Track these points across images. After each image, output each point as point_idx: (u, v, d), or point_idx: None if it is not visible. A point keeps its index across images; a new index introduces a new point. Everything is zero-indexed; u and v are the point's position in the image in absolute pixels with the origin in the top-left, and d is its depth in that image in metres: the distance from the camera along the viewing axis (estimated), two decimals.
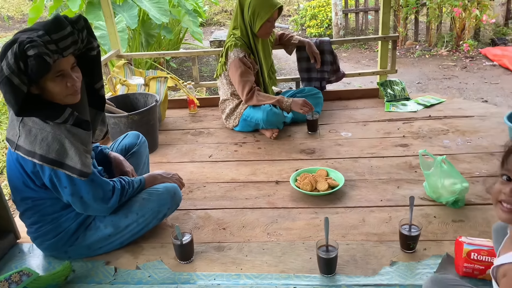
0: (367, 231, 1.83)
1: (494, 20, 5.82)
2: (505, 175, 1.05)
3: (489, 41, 5.85)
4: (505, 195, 1.03)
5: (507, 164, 1.05)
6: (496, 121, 2.74)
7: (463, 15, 5.54)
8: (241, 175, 2.39)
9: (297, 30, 7.45)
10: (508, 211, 1.03)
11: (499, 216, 1.06)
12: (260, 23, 2.68)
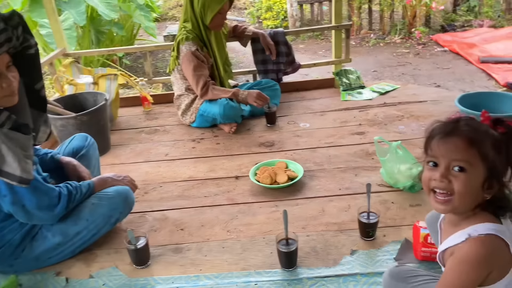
0: (327, 221, 1.82)
1: (443, 7, 6.00)
2: (431, 161, 1.04)
3: (439, 27, 6.02)
4: (435, 181, 1.02)
5: (430, 149, 1.04)
6: (448, 104, 2.80)
7: (413, 3, 5.67)
8: (199, 172, 2.33)
9: (253, 23, 7.40)
10: (443, 202, 1.02)
11: (434, 207, 1.05)
12: (211, 15, 2.60)
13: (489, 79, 4.20)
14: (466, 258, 0.98)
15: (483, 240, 0.98)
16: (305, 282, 1.49)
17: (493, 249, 0.97)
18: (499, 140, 0.98)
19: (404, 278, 1.27)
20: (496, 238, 0.98)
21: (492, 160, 0.97)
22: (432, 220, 1.37)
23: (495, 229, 0.99)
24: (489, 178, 0.98)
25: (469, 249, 0.98)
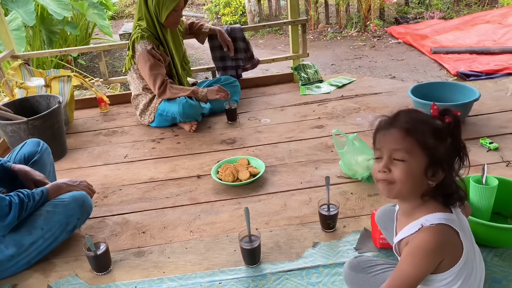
0: (289, 215, 1.84)
1: (396, 0, 6.17)
2: (376, 154, 1.10)
3: (393, 20, 6.19)
4: (379, 172, 1.07)
5: (375, 143, 1.11)
6: (402, 95, 2.89)
7: None
8: (160, 173, 2.29)
9: (212, 19, 7.35)
10: (386, 189, 1.08)
11: (383, 195, 1.13)
12: (166, 13, 2.56)
13: (441, 69, 4.37)
14: (419, 247, 1.02)
15: (435, 229, 1.02)
16: (269, 278, 1.51)
17: (444, 238, 1.02)
18: (440, 128, 1.02)
19: (363, 269, 1.31)
20: (446, 227, 1.02)
21: (433, 148, 1.01)
22: (382, 216, 1.42)
23: (445, 218, 1.03)
24: (431, 166, 1.02)
25: (422, 238, 1.02)
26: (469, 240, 1.08)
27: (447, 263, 1.04)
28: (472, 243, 1.12)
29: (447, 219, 1.04)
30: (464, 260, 1.03)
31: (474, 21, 5.31)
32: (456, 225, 1.04)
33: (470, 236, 1.11)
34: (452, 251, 1.04)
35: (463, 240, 1.03)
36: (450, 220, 1.04)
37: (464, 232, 1.06)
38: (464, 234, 1.05)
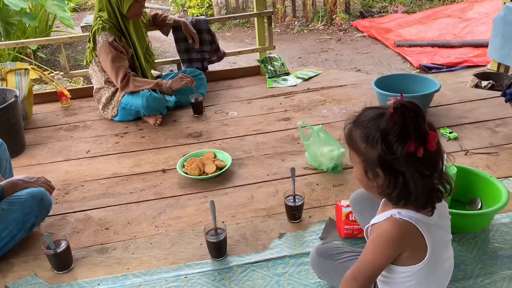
0: (256, 207, 1.84)
1: None
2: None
3: (358, 14, 6.29)
4: None
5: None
6: (366, 87, 2.94)
7: None
8: (123, 168, 2.24)
9: (178, 11, 7.23)
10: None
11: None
12: (128, 4, 2.49)
13: (404, 62, 4.47)
14: (381, 236, 1.03)
15: (400, 223, 1.02)
16: (235, 270, 1.50)
17: (404, 233, 1.02)
18: (372, 135, 0.98)
19: (331, 255, 1.33)
20: (411, 225, 1.01)
21: (364, 153, 1.01)
22: (358, 200, 1.43)
23: (415, 218, 1.02)
24: (368, 169, 1.02)
25: (386, 227, 1.03)
26: (439, 244, 1.07)
27: (407, 258, 1.05)
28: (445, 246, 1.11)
29: (418, 219, 1.02)
30: (426, 263, 1.04)
31: (436, 15, 5.46)
32: (425, 228, 1.02)
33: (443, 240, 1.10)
34: (413, 249, 1.04)
35: (429, 244, 1.02)
36: (420, 222, 1.02)
37: (434, 236, 1.04)
38: (433, 239, 1.04)
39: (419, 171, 0.95)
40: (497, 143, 2.16)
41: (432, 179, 0.99)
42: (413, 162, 0.94)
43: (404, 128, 0.93)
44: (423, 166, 0.95)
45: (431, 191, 1.00)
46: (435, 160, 0.98)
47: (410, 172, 0.95)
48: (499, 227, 1.58)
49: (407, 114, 0.93)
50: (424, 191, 0.98)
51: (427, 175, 0.97)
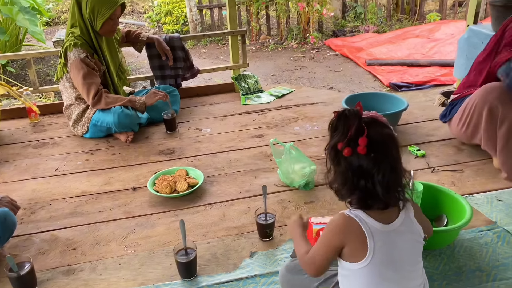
0: (228, 225, 1.83)
1: (333, 14, 6.43)
2: None
3: (331, 33, 6.43)
4: None
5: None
6: (337, 105, 2.99)
7: (306, 9, 5.99)
8: (93, 186, 2.19)
9: (153, 27, 7.22)
10: None
11: None
12: (102, 21, 2.48)
13: (375, 80, 4.59)
14: (328, 225, 1.16)
15: (344, 216, 1.11)
16: None
17: (346, 226, 1.10)
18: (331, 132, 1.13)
19: (300, 271, 1.34)
20: (354, 222, 1.09)
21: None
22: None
23: (361, 218, 1.09)
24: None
25: (333, 218, 1.15)
26: (392, 254, 1.09)
27: (347, 254, 1.11)
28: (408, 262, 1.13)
29: (364, 221, 1.08)
30: (368, 264, 1.07)
31: (405, 35, 5.65)
32: (370, 230, 1.07)
33: (403, 254, 1.11)
34: (353, 246, 1.10)
35: (370, 246, 1.06)
36: (366, 223, 1.08)
37: (384, 243, 1.08)
38: (382, 245, 1.07)
39: (353, 171, 1.07)
40: (462, 160, 2.23)
41: (368, 184, 1.07)
42: (346, 161, 1.07)
43: (335, 129, 1.10)
44: (355, 167, 1.06)
45: (367, 195, 1.08)
46: (373, 167, 1.06)
47: (342, 169, 1.09)
48: (464, 243, 1.63)
49: (342, 119, 1.07)
50: (354, 191, 1.09)
51: (361, 177, 1.07)
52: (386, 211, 1.12)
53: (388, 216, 1.12)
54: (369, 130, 1.05)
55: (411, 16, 6.71)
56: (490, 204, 1.85)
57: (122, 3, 2.55)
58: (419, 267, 1.16)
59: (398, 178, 1.11)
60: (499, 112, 1.97)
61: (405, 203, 1.13)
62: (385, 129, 1.11)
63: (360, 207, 1.11)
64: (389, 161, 1.08)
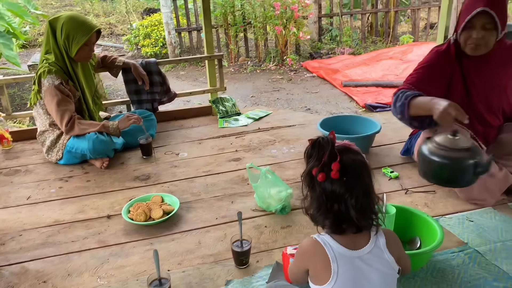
0: (203, 253, 1.81)
1: (309, 37, 6.57)
2: None
3: (308, 55, 6.55)
4: None
5: None
6: (313, 127, 3.03)
7: (283, 32, 6.10)
8: (66, 214, 2.15)
9: (132, 50, 7.22)
10: None
11: None
12: (77, 47, 2.47)
13: (351, 101, 4.67)
14: (299, 246, 1.26)
15: (311, 240, 1.18)
16: None
17: (310, 250, 1.18)
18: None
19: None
20: (320, 246, 1.14)
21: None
22: None
23: (328, 243, 1.15)
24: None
25: (301, 242, 1.24)
26: (359, 280, 1.12)
27: (312, 276, 1.19)
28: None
29: (331, 246, 1.14)
30: (330, 287, 1.12)
31: (379, 57, 5.79)
32: (335, 256, 1.13)
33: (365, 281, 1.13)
34: (316, 269, 1.17)
35: (334, 271, 1.12)
36: (332, 248, 1.14)
37: (349, 268, 1.12)
38: (347, 270, 1.12)
39: (327, 195, 1.12)
40: None
41: (341, 208, 1.12)
42: (320, 186, 1.13)
43: (310, 156, 1.17)
44: (329, 191, 1.12)
45: (340, 219, 1.13)
46: (345, 191, 1.11)
47: (317, 194, 1.14)
48: (436, 265, 1.65)
49: (317, 147, 1.15)
50: (328, 214, 1.14)
51: (335, 202, 1.12)
52: (356, 237, 1.15)
53: (356, 242, 1.15)
54: (341, 156, 1.11)
55: (385, 38, 6.91)
56: (461, 225, 1.88)
57: (98, 29, 2.55)
58: None
59: (371, 203, 1.15)
60: None
61: (378, 228, 1.17)
62: (357, 156, 1.17)
63: (334, 231, 1.16)
64: (361, 186, 1.13)
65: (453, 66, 2.10)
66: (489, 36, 1.94)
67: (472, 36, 1.95)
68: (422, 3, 6.85)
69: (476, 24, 1.93)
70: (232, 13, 6.28)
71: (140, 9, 10.14)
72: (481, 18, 1.90)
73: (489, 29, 1.92)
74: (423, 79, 2.11)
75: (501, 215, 1.94)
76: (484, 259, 1.66)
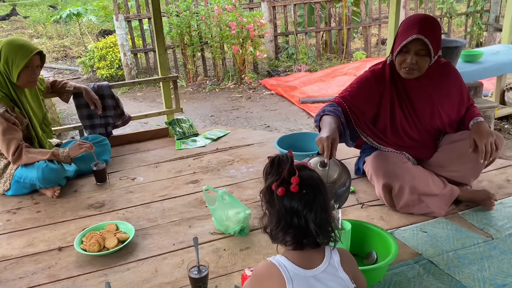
0: (160, 281, 1.76)
1: (266, 55, 6.67)
2: None
3: (266, 73, 6.64)
4: None
5: None
6: (271, 145, 3.04)
7: (240, 51, 6.16)
8: (14, 249, 2.03)
9: (87, 72, 7.06)
10: None
11: None
12: (17, 72, 2.37)
13: (309, 117, 4.75)
14: (254, 269, 1.26)
15: (266, 264, 1.19)
16: None
17: (265, 273, 1.19)
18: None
19: None
20: (275, 268, 1.15)
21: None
22: None
23: (283, 264, 1.16)
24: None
25: (256, 266, 1.26)
26: None
27: None
28: None
29: (286, 267, 1.15)
30: None
31: (334, 73, 5.96)
32: (291, 276, 1.13)
33: None
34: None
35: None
36: (287, 269, 1.14)
37: (299, 287, 1.13)
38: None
39: (286, 210, 1.14)
40: None
41: (301, 222, 1.14)
42: (280, 200, 1.15)
43: (269, 173, 1.19)
44: (288, 206, 1.14)
45: (300, 234, 1.15)
46: (305, 205, 1.14)
47: (276, 209, 1.16)
48: (393, 278, 1.68)
49: (276, 163, 1.18)
50: (288, 230, 1.15)
51: (294, 216, 1.14)
52: (311, 256, 1.17)
53: (311, 262, 1.16)
54: (300, 172, 1.15)
55: (339, 54, 7.12)
56: (416, 236, 1.93)
57: (40, 52, 2.46)
58: None
59: (329, 218, 1.19)
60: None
61: (336, 244, 1.21)
62: (314, 173, 1.21)
63: (295, 247, 1.17)
64: (319, 200, 1.16)
65: (385, 86, 2.17)
66: (423, 62, 2.03)
67: (406, 61, 2.03)
68: (373, 20, 7.13)
69: (411, 49, 2.01)
70: (188, 33, 6.29)
71: (95, 31, 9.99)
72: (415, 45, 1.98)
73: (423, 55, 2.01)
74: (355, 95, 2.18)
75: (452, 225, 2.01)
76: (438, 269, 1.71)
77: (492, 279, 1.64)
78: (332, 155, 1.76)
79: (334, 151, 1.78)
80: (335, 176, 1.73)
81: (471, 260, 1.75)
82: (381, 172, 2.12)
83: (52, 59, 8.62)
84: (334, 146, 1.78)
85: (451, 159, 2.16)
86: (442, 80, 2.16)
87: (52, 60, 8.58)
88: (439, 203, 2.09)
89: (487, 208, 2.09)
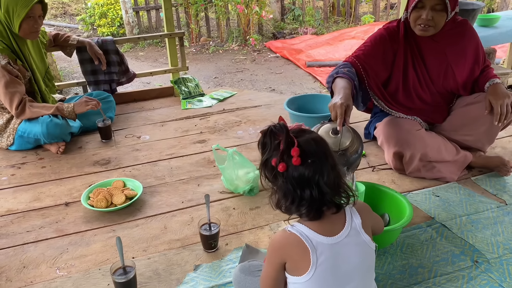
0: (170, 238, 1.74)
1: (272, 16, 6.48)
2: None
3: (271, 35, 6.48)
4: None
5: None
6: (279, 107, 2.99)
7: (246, 11, 5.98)
8: (20, 203, 2.01)
9: (87, 30, 6.88)
10: None
11: None
12: (19, 21, 2.27)
13: (315, 81, 4.67)
14: (269, 244, 1.13)
15: (285, 234, 1.08)
16: None
17: (285, 243, 1.08)
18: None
19: (252, 272, 1.33)
20: (296, 237, 1.05)
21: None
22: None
23: (304, 233, 1.05)
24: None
25: (273, 237, 1.13)
26: (338, 266, 1.07)
27: (290, 269, 1.09)
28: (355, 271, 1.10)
29: (305, 235, 1.05)
30: (311, 278, 1.05)
31: (342, 37, 5.81)
32: (314, 245, 1.05)
33: (349, 263, 1.09)
34: (294, 261, 1.07)
35: (313, 260, 1.04)
36: (309, 238, 1.05)
37: (328, 256, 1.06)
38: (327, 258, 1.05)
39: (294, 184, 1.03)
40: None
41: (314, 192, 1.04)
42: (285, 176, 1.04)
43: (264, 147, 1.08)
44: (295, 179, 1.03)
45: (316, 203, 1.05)
46: (314, 173, 1.04)
47: (284, 185, 1.05)
48: (405, 240, 1.66)
49: (270, 136, 1.06)
50: (302, 202, 1.04)
51: (306, 187, 1.03)
52: (332, 222, 1.09)
53: (333, 228, 1.09)
54: (298, 139, 1.04)
55: (347, 18, 6.93)
56: (428, 200, 1.91)
57: (41, 1, 2.35)
58: (370, 284, 1.15)
59: (340, 174, 1.10)
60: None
61: (354, 203, 1.14)
62: (313, 134, 1.10)
63: (313, 217, 1.07)
64: (327, 162, 1.06)
65: (399, 44, 2.09)
66: (439, 17, 1.92)
67: (421, 17, 1.93)
68: None
69: (426, 4, 1.91)
70: None
71: None
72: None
73: (439, 10, 1.91)
74: (369, 53, 2.09)
75: (465, 189, 1.98)
76: (451, 233, 1.69)
77: (506, 244, 1.62)
78: (346, 122, 1.70)
79: (347, 119, 1.70)
80: (347, 143, 1.64)
81: (485, 225, 1.73)
82: (393, 140, 2.07)
83: (50, 16, 8.38)
84: (347, 113, 1.70)
85: (464, 122, 2.11)
86: (458, 39, 2.07)
87: (50, 17, 8.34)
88: (452, 168, 2.06)
89: (502, 174, 2.06)
